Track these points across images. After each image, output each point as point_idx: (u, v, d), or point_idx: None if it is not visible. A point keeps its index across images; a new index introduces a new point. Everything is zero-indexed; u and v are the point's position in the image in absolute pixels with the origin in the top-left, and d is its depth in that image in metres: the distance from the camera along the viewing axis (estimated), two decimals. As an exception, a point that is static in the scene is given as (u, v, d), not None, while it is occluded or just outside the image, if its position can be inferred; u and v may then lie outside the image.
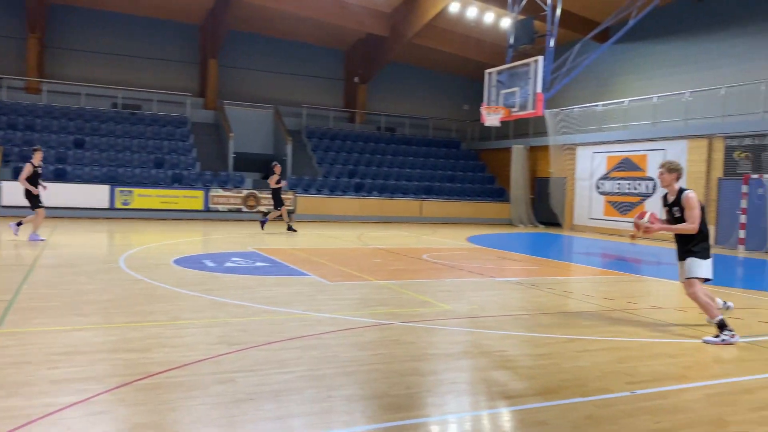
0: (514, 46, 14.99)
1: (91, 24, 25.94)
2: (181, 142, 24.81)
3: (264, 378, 4.61)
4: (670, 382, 4.92)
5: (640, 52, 23.64)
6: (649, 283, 11.02)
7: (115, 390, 4.22)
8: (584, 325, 6.99)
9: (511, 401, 4.35)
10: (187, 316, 6.53)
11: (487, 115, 14.87)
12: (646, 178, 21.56)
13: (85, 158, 22.33)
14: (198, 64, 27.95)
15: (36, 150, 13.31)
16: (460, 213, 26.47)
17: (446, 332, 6.37)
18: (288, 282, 9.02)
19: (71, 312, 6.54)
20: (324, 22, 26.30)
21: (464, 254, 13.99)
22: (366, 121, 30.74)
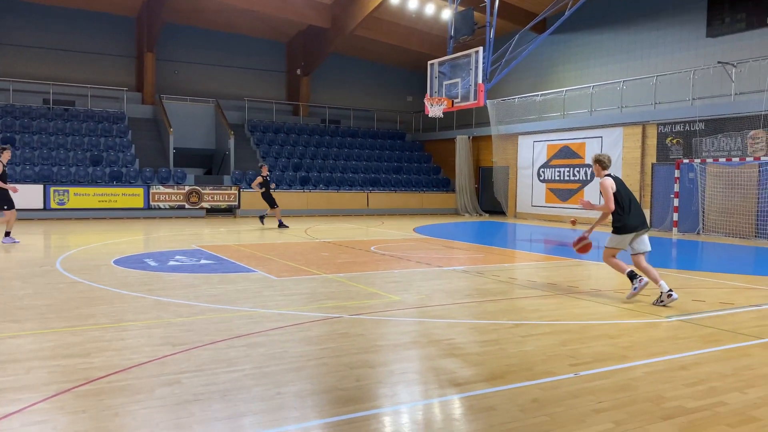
0: (454, 37, 15.12)
1: (19, 17, 24.75)
2: (119, 139, 24.02)
3: (211, 378, 4.53)
4: (611, 362, 5.09)
5: (577, 42, 24.26)
6: (590, 267, 11.36)
7: (53, 398, 4.06)
8: (528, 310, 7.15)
9: (460, 388, 4.41)
10: (130, 318, 6.35)
11: (431, 106, 14.96)
12: (584, 165, 22.18)
13: (16, 157, 21.34)
14: (134, 58, 27.09)
15: (4, 149, 12.57)
16: (407, 204, 26.63)
17: (395, 323, 6.41)
18: (234, 279, 8.88)
19: (4, 318, 6.25)
20: (264, 13, 25.89)
21: (412, 245, 14.09)
22: (310, 114, 30.50)
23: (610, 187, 7.51)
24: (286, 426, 3.72)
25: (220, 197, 22.81)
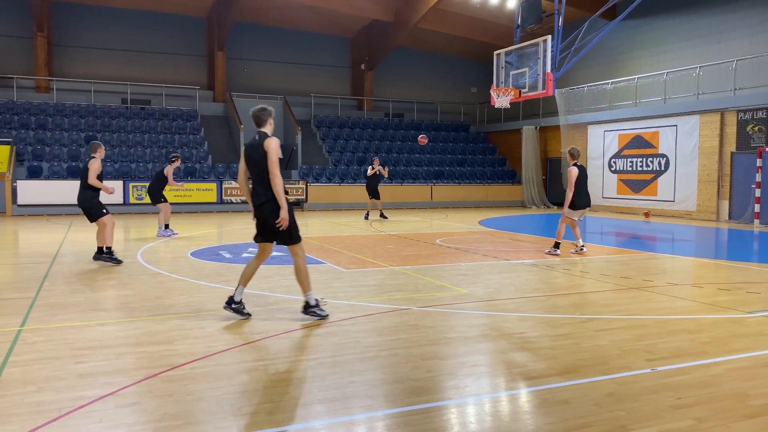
0: (521, 27, 14.86)
1: (97, 21, 26.02)
2: (192, 136, 24.92)
3: (287, 365, 4.68)
4: (691, 358, 4.94)
5: (649, 28, 23.37)
6: (664, 260, 10.99)
7: (142, 382, 4.30)
8: (601, 304, 7.01)
9: (533, 381, 4.38)
10: (208, 308, 6.62)
11: (497, 97, 14.78)
12: (658, 155, 21.39)
13: (98, 155, 22.45)
14: (205, 57, 27.98)
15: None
16: (472, 196, 26.43)
17: (464, 316, 6.41)
18: (304, 271, 9.07)
19: (93, 307, 6.64)
20: (329, 10, 26.21)
21: (477, 237, 14.00)
22: (374, 108, 30.69)
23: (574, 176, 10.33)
24: (360, 414, 3.81)
25: (288, 191, 23.26)
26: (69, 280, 8.24)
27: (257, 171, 5.67)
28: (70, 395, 4.04)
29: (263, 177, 5.65)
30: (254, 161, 5.66)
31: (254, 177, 5.73)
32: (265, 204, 5.67)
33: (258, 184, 5.68)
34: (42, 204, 20.01)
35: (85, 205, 9.56)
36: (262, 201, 5.66)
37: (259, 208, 5.69)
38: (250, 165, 5.73)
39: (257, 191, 5.68)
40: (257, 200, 5.70)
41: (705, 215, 19.65)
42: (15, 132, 22.30)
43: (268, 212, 5.65)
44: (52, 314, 6.30)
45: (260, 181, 5.66)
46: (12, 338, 5.39)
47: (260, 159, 5.63)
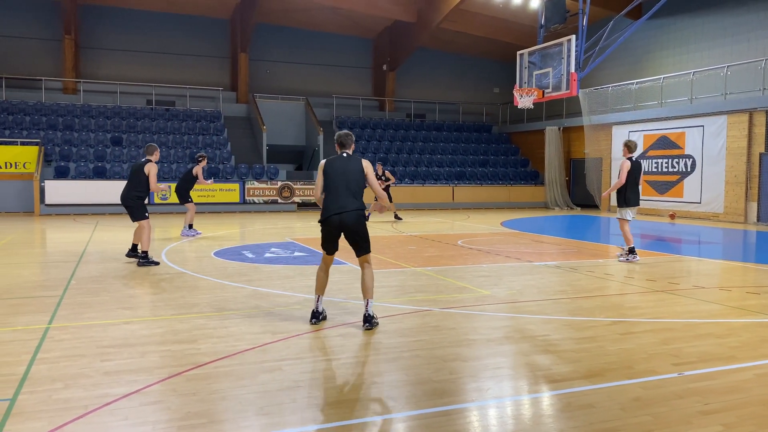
0: (545, 26, 14.73)
1: (122, 23, 26.40)
2: (216, 136, 25.15)
3: (310, 365, 4.69)
4: (719, 362, 4.85)
5: (676, 27, 23.03)
6: (690, 262, 10.81)
7: (166, 380, 4.34)
8: (626, 307, 6.91)
9: (557, 385, 4.34)
10: (231, 307, 6.66)
11: (520, 98, 14.67)
12: (684, 156, 21.07)
13: (123, 155, 22.81)
14: (229, 59, 28.23)
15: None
16: (494, 197, 26.28)
17: (487, 318, 6.37)
18: (326, 271, 9.09)
19: (119, 306, 6.73)
20: (351, 11, 26.27)
21: (500, 239, 13.92)
22: (395, 109, 30.68)
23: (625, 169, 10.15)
24: (383, 415, 3.80)
25: (310, 192, 23.41)
26: (95, 279, 8.36)
27: (347, 183, 5.77)
28: (97, 392, 4.10)
29: (353, 189, 5.79)
30: (348, 173, 5.79)
31: (340, 188, 5.77)
32: (353, 212, 5.74)
33: (345, 196, 5.75)
34: (69, 204, 20.36)
35: (129, 204, 9.68)
36: (351, 209, 5.73)
37: (344, 215, 5.70)
38: (337, 177, 5.78)
39: (343, 202, 5.72)
40: (348, 207, 5.72)
41: (732, 217, 19.30)
42: (43, 133, 22.71)
43: (354, 220, 5.74)
44: (78, 312, 6.39)
45: (348, 192, 5.77)
46: (40, 336, 5.48)
47: (355, 173, 5.82)
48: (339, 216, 5.71)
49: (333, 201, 5.76)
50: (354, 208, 5.75)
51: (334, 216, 5.72)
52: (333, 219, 5.72)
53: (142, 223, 9.64)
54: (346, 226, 5.74)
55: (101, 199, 20.58)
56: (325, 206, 5.81)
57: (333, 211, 5.72)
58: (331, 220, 5.73)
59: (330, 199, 5.78)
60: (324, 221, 5.80)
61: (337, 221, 5.72)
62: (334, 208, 5.73)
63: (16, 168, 20.73)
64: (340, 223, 5.73)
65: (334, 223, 5.74)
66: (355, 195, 5.80)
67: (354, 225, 5.75)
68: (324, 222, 5.80)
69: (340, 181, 5.77)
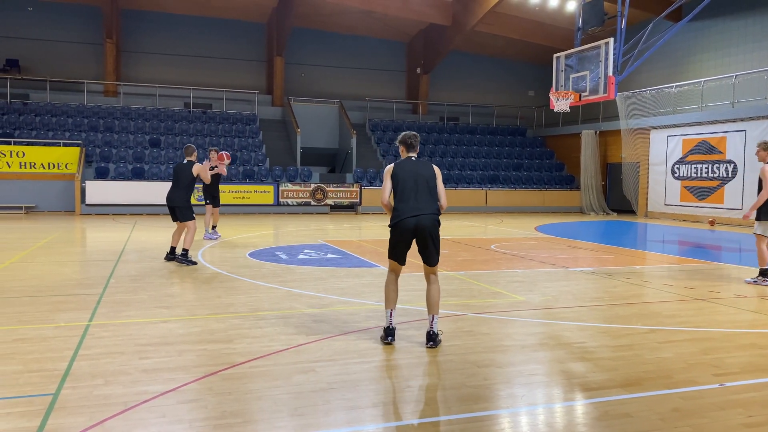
0: (582, 29, 14.53)
1: (161, 27, 26.96)
2: (251, 139, 25.47)
3: (343, 367, 4.71)
4: (762, 374, 4.71)
5: (717, 29, 22.50)
6: (731, 270, 10.53)
7: (202, 379, 4.41)
8: (665, 315, 6.77)
9: (593, 393, 4.27)
10: (266, 308, 6.73)
11: (556, 101, 14.49)
12: (725, 161, 20.55)
13: (161, 157, 23.26)
14: (265, 62, 28.57)
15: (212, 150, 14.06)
16: (528, 202, 26.02)
17: (521, 323, 6.31)
18: (359, 273, 9.14)
19: (157, 304, 6.86)
20: (385, 14, 26.34)
21: (534, 244, 13.77)
22: (429, 112, 30.64)
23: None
24: (416, 419, 3.79)
25: (342, 194, 23.53)
26: (133, 278, 8.54)
27: (420, 186, 5.48)
28: (135, 389, 4.18)
29: (427, 192, 5.49)
30: (420, 177, 5.51)
31: (414, 192, 5.46)
32: (430, 215, 5.44)
33: (420, 199, 5.45)
34: (108, 204, 20.84)
35: (178, 204, 9.87)
36: (428, 212, 5.43)
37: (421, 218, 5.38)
38: (410, 180, 5.49)
39: (419, 205, 5.42)
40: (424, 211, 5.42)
41: (776, 224, 18.72)
42: (84, 134, 23.30)
43: (430, 223, 5.44)
44: (118, 310, 6.53)
45: (423, 196, 5.46)
46: (81, 332, 5.62)
47: (429, 177, 5.55)
48: (415, 218, 5.36)
49: (407, 204, 5.42)
50: (431, 211, 5.44)
51: (410, 218, 5.36)
52: (408, 221, 5.36)
53: (189, 224, 9.91)
54: (421, 229, 5.39)
55: (140, 200, 21.02)
56: (397, 210, 5.45)
57: (408, 213, 5.37)
58: (405, 222, 5.37)
59: (403, 203, 5.44)
60: (396, 224, 5.41)
61: (413, 224, 5.36)
62: (408, 210, 5.39)
63: (58, 168, 21.32)
64: (416, 226, 5.37)
65: (408, 226, 5.37)
66: (431, 199, 5.50)
67: (430, 228, 5.42)
68: (396, 225, 5.42)
69: (413, 185, 5.46)
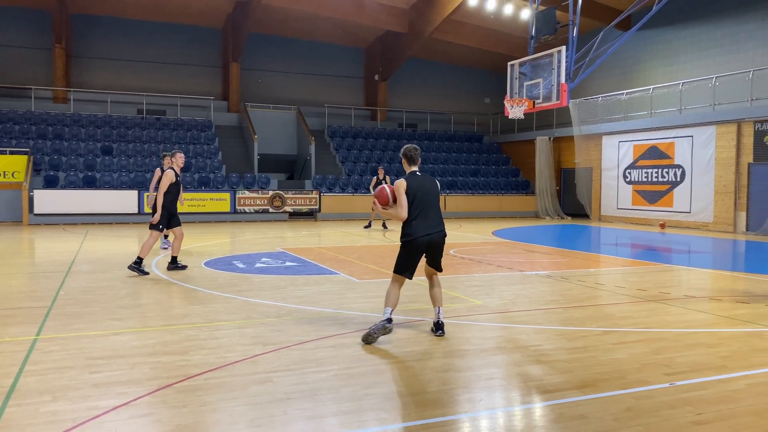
0: (536, 37, 14.82)
1: (114, 32, 26.35)
2: (207, 146, 25.08)
3: (301, 377, 4.65)
4: (710, 372, 4.86)
5: (664, 38, 23.26)
6: (681, 272, 10.86)
7: (156, 392, 4.30)
8: (618, 316, 6.92)
9: (549, 395, 4.33)
10: (222, 318, 6.62)
11: (511, 108, 14.73)
12: (674, 165, 21.22)
13: (114, 165, 22.71)
14: (220, 68, 28.22)
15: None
16: (485, 207, 26.34)
17: (479, 328, 6.36)
18: (318, 281, 9.08)
19: (109, 317, 6.67)
20: (343, 21, 26.37)
21: (492, 248, 13.93)
22: (387, 118, 30.75)
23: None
24: (374, 427, 3.77)
25: (301, 201, 23.38)
26: (84, 290, 8.29)
27: (430, 203, 5.86)
28: (85, 405, 4.05)
29: (435, 208, 5.91)
30: (428, 193, 5.88)
31: (426, 208, 5.82)
32: (440, 232, 5.90)
33: (432, 216, 5.85)
34: (58, 213, 20.21)
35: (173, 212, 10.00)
36: (439, 230, 5.88)
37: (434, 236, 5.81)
38: (421, 196, 5.81)
39: (431, 223, 5.82)
40: (437, 228, 5.85)
41: (722, 227, 19.43)
42: (32, 142, 22.57)
43: (441, 240, 5.92)
44: (67, 324, 6.33)
45: (433, 212, 5.87)
46: (28, 347, 5.41)
47: (434, 193, 5.95)
48: (429, 237, 5.78)
49: (423, 221, 5.78)
50: (440, 228, 5.90)
51: (424, 237, 5.76)
52: (422, 240, 5.76)
53: (176, 231, 10.04)
54: (433, 245, 5.85)
55: (91, 209, 20.47)
56: (411, 227, 5.77)
57: (422, 232, 5.76)
58: (420, 240, 5.75)
59: (417, 221, 5.77)
60: (411, 242, 5.76)
61: (426, 242, 5.79)
62: (423, 229, 5.76)
63: (4, 177, 20.57)
64: (429, 243, 5.81)
65: (422, 243, 5.77)
66: (438, 214, 5.94)
67: (440, 244, 5.91)
68: (410, 243, 5.77)
69: (424, 201, 5.82)
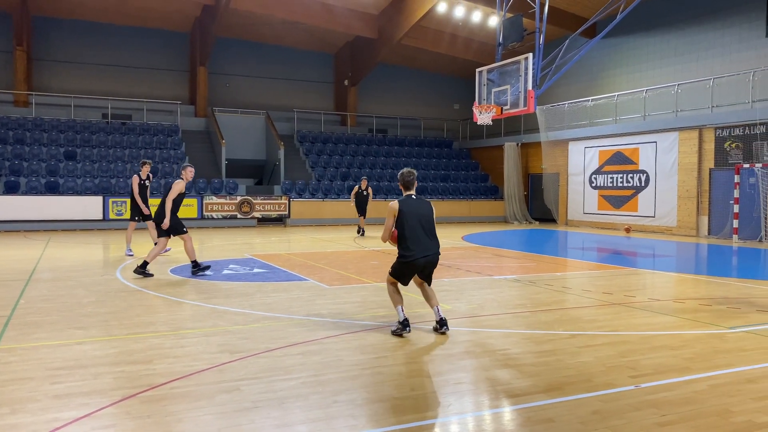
0: (503, 44, 14.99)
1: (78, 35, 25.84)
2: (173, 151, 24.73)
3: (269, 385, 4.60)
4: (674, 374, 4.94)
5: (628, 46, 23.76)
6: (646, 275, 11.06)
7: (120, 403, 4.20)
8: (585, 320, 7.01)
9: (517, 399, 4.35)
10: (188, 326, 6.51)
11: (479, 114, 14.86)
12: (638, 171, 21.64)
13: (77, 170, 22.23)
14: (187, 72, 27.88)
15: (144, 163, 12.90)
16: (455, 212, 26.49)
17: (448, 332, 6.37)
18: (287, 287, 9.00)
19: (71, 325, 6.50)
20: (312, 26, 26.30)
21: (461, 253, 14.01)
22: (357, 124, 30.75)
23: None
24: (344, 434, 3.75)
25: (270, 207, 23.20)
26: (46, 298, 8.08)
27: (426, 225, 6.28)
28: (45, 417, 3.93)
29: (431, 231, 6.31)
30: (423, 216, 6.28)
31: (421, 231, 6.23)
32: (436, 254, 6.33)
33: (428, 238, 6.26)
34: (19, 220, 19.70)
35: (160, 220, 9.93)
36: (435, 251, 6.30)
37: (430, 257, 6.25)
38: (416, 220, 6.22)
39: (428, 245, 6.24)
40: (432, 250, 6.27)
41: (685, 231, 19.87)
42: (-8, 147, 21.98)
43: (436, 260, 6.36)
44: (27, 333, 6.15)
45: (429, 235, 6.28)
46: (-15, 358, 5.25)
47: (429, 217, 6.34)
48: (425, 258, 6.21)
49: (417, 243, 6.18)
50: (436, 250, 6.31)
51: (421, 259, 6.19)
52: (419, 261, 6.20)
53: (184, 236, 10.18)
54: (429, 265, 6.29)
55: (54, 215, 20.00)
56: (407, 248, 6.17)
57: (420, 254, 6.17)
58: (417, 261, 6.19)
59: (413, 242, 6.17)
60: (408, 263, 6.20)
61: (423, 263, 6.23)
62: (420, 250, 6.17)
63: (-37, 183, 19.98)
64: (426, 264, 6.26)
65: (419, 264, 6.22)
66: (434, 237, 6.32)
67: (435, 263, 6.34)
68: (408, 263, 6.20)
69: (419, 224, 6.21)
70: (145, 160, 13.26)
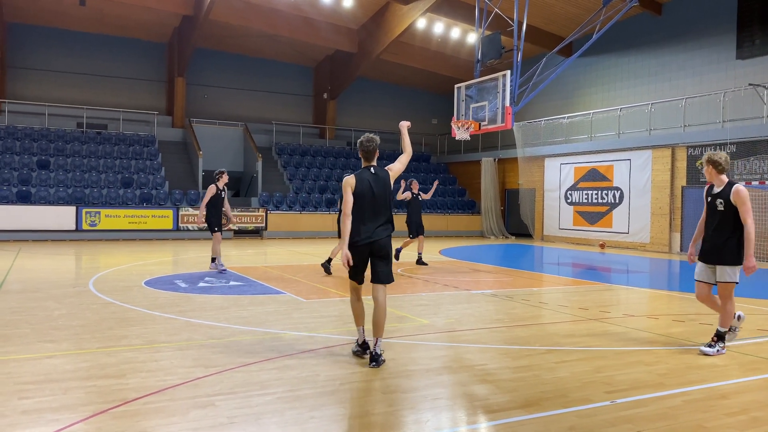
0: (481, 61, 15.17)
1: (53, 43, 25.53)
2: (149, 161, 24.47)
3: (244, 401, 4.53)
4: (648, 389, 4.99)
5: (604, 65, 24.19)
6: (620, 291, 11.19)
7: (91, 419, 4.10)
8: (561, 335, 7.05)
9: (494, 415, 4.35)
10: (162, 339, 6.40)
11: (457, 129, 14.98)
12: (613, 188, 21.96)
13: (50, 179, 21.87)
14: (165, 83, 27.68)
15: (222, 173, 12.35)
16: (432, 226, 26.49)
17: (425, 347, 6.36)
18: (263, 301, 8.92)
19: (40, 339, 6.36)
20: (292, 39, 26.33)
21: (438, 267, 14.03)
22: (336, 137, 30.77)
23: None
24: (320, 451, 3.70)
25: (247, 219, 23.03)
26: (14, 310, 7.89)
27: (382, 203, 5.56)
28: (12, 434, 3.83)
29: (388, 209, 5.61)
30: (381, 194, 5.55)
31: (377, 210, 5.53)
32: (384, 239, 5.54)
33: (375, 220, 5.52)
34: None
35: None
36: (382, 236, 5.52)
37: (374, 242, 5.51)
38: (366, 198, 5.50)
39: (373, 227, 5.49)
40: (383, 233, 5.53)
41: (658, 247, 20.17)
42: (-37, 154, 21.53)
43: (384, 245, 5.56)
44: (-5, 346, 6.00)
45: (378, 216, 5.54)
46: (-50, 372, 5.10)
47: (387, 191, 5.61)
48: (369, 243, 5.51)
49: (361, 225, 5.49)
50: (385, 235, 5.56)
51: (364, 243, 5.49)
52: (361, 246, 5.49)
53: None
54: (374, 251, 5.55)
55: (25, 225, 19.63)
56: (353, 229, 5.47)
57: (363, 237, 5.47)
58: (359, 246, 5.49)
59: (358, 223, 5.49)
60: (351, 246, 5.48)
61: (367, 248, 5.52)
62: (363, 232, 5.47)
63: (-70, 191, 19.52)
64: (370, 250, 5.53)
65: (362, 249, 5.50)
66: (385, 217, 5.59)
67: (383, 249, 5.56)
68: (351, 246, 5.48)
69: (368, 203, 5.52)
70: (222, 169, 12.54)
